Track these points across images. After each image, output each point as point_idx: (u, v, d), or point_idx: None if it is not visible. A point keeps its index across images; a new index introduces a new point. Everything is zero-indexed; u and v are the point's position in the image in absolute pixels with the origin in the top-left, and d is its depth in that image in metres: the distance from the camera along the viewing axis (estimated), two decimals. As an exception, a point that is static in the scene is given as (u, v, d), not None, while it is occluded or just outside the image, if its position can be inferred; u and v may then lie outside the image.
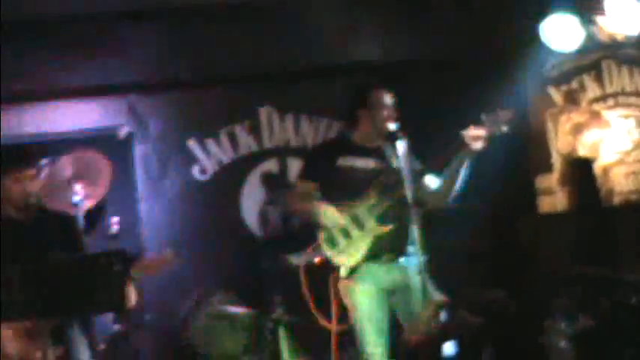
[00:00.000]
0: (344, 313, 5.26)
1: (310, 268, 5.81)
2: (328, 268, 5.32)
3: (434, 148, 5.21)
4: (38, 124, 7.33)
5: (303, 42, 7.28)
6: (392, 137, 5.09)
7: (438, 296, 5.10)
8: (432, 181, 5.27)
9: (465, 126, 5.07)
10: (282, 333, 6.57)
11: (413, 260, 5.06)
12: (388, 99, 5.35)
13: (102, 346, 6.49)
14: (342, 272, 5.24)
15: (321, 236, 5.31)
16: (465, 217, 6.75)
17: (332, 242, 5.28)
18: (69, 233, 5.42)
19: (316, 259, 5.65)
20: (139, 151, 7.50)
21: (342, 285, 5.24)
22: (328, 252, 5.29)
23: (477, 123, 5.06)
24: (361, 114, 5.35)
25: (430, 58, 7.56)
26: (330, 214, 5.19)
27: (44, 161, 5.48)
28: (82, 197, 5.35)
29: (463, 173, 5.19)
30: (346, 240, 5.22)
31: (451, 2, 7.12)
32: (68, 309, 4.48)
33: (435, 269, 5.01)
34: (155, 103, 7.57)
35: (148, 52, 7.25)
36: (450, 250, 6.41)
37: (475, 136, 5.06)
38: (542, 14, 6.68)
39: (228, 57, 7.33)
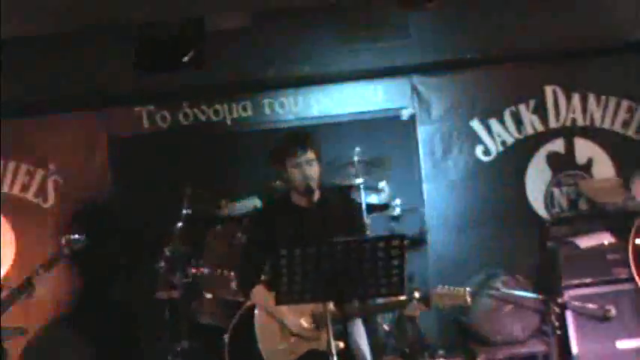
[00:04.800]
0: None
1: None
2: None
3: None
4: (324, 106, 7.53)
5: (591, 20, 7.01)
6: None
7: None
8: None
9: None
10: (570, 318, 6.39)
11: None
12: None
13: (387, 328, 6.65)
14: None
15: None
16: None
17: None
18: (351, 215, 5.53)
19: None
20: (422, 132, 7.52)
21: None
22: None
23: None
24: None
25: None
26: None
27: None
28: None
29: None
30: None
31: None
32: (349, 293, 4.55)
33: None
34: (437, 84, 7.54)
35: (427, 34, 7.25)
36: None
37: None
38: None
39: (514, 34, 7.18)
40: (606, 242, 6.59)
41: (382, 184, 7.04)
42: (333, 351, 4.45)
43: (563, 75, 7.47)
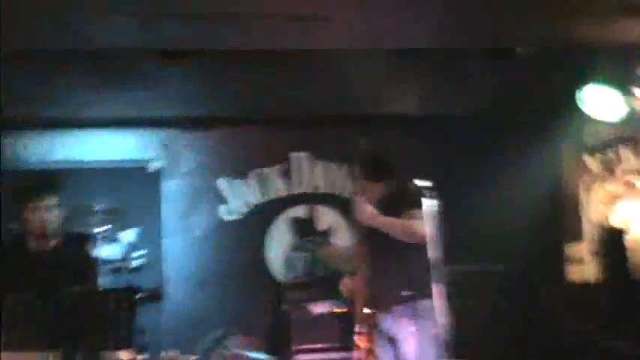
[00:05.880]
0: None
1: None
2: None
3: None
4: (71, 151, 7.37)
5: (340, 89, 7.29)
6: None
7: None
8: None
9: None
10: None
11: None
12: None
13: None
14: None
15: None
16: (488, 279, 6.70)
17: None
18: (84, 265, 5.41)
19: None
20: (169, 186, 7.49)
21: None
22: None
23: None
24: None
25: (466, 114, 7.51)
26: None
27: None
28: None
29: None
30: None
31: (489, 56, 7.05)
32: (74, 344, 4.44)
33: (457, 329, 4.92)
34: (188, 139, 7.59)
35: (181, 88, 7.26)
36: (472, 310, 6.34)
37: None
38: (582, 82, 6.61)
39: (265, 96, 7.29)
40: (337, 310, 6.78)
41: (124, 235, 6.95)
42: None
43: (308, 142, 7.71)
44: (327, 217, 7.73)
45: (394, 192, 5.48)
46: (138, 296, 4.89)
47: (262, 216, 7.66)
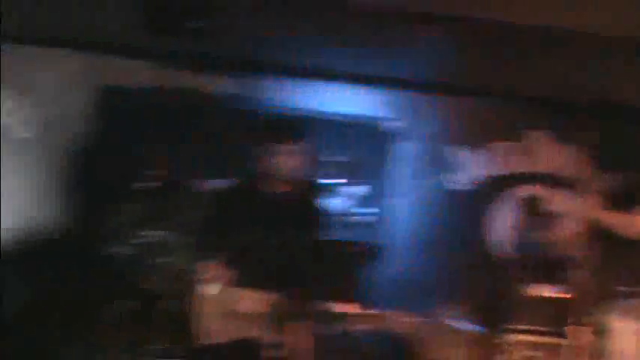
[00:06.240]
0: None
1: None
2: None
3: None
4: (319, 102, 7.52)
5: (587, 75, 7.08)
6: None
7: None
8: None
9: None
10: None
11: None
12: None
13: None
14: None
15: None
16: None
17: None
18: (315, 214, 5.55)
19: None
20: (403, 148, 7.54)
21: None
22: None
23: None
24: None
25: None
26: None
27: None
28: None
29: None
30: None
31: None
32: (299, 291, 4.55)
33: None
34: (430, 102, 7.57)
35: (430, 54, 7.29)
36: None
37: None
38: None
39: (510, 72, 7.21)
40: (557, 295, 6.64)
41: (356, 190, 7.06)
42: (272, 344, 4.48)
43: (548, 122, 7.53)
44: (557, 200, 7.55)
45: (628, 185, 5.29)
46: (363, 251, 4.97)
47: (491, 190, 7.58)
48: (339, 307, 4.94)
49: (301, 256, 4.63)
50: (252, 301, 5.10)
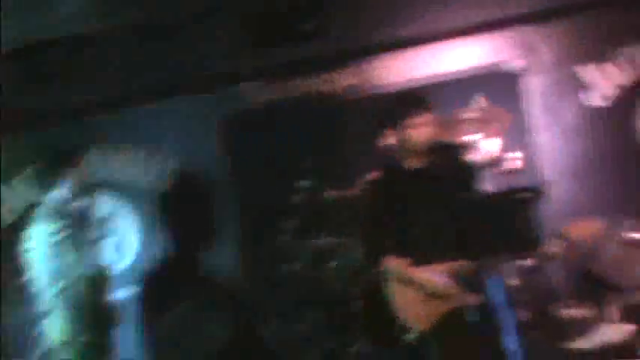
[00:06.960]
0: None
1: None
2: None
3: None
4: (430, 67, 7.47)
5: None
6: None
7: None
8: None
9: None
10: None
11: None
12: None
13: (516, 281, 6.60)
14: None
15: None
16: None
17: None
18: (465, 173, 5.51)
19: None
20: (530, 83, 7.40)
21: None
22: None
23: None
24: None
25: None
26: None
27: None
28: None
29: None
30: None
31: None
32: (479, 251, 4.54)
33: None
34: (546, 33, 7.39)
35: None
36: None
37: None
38: None
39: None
40: None
41: (492, 142, 6.99)
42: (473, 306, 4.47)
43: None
44: None
45: None
46: (524, 196, 4.91)
47: (633, 98, 7.33)
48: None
49: (470, 216, 4.59)
50: (440, 275, 5.09)
